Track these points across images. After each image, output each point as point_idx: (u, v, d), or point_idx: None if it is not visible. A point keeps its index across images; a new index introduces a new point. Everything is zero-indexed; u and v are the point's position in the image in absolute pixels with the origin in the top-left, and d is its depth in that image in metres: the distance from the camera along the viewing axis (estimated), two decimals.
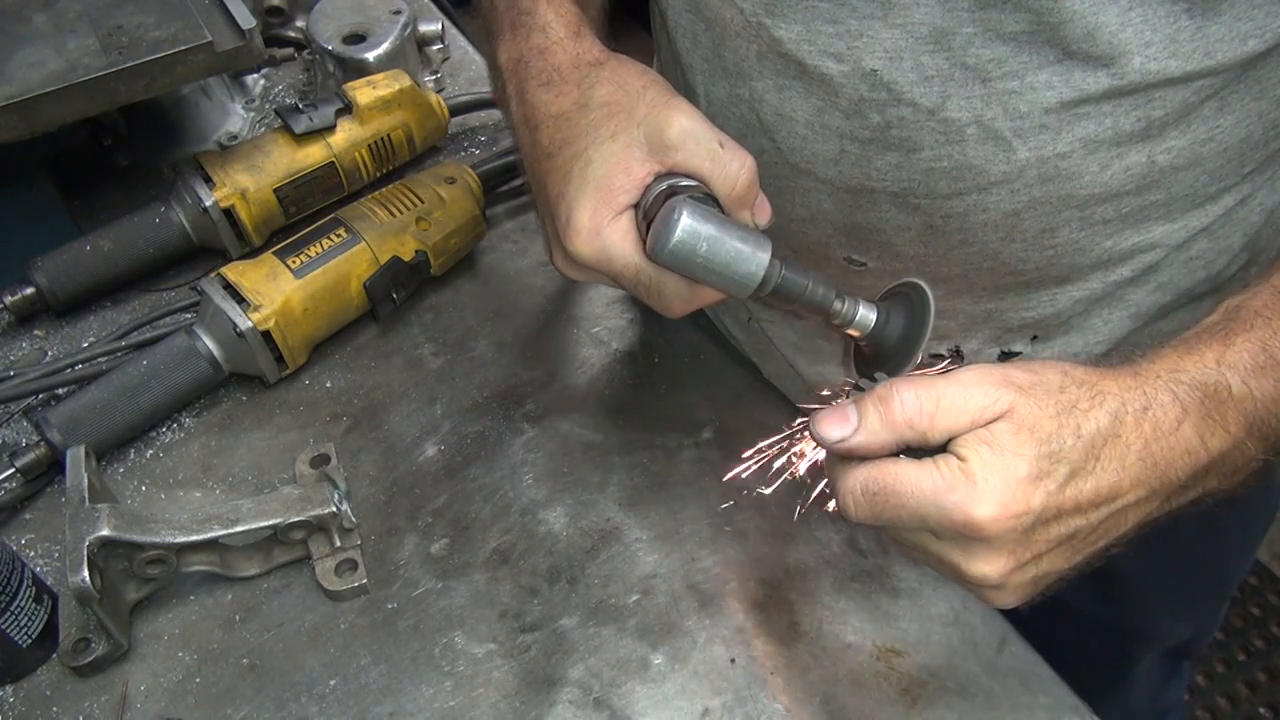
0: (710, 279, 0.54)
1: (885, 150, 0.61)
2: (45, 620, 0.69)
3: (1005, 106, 0.57)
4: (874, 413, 0.50)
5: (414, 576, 0.74)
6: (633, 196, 0.56)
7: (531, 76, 0.62)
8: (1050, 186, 0.59)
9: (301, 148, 0.94)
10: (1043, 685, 0.68)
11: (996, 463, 0.49)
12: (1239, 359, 0.52)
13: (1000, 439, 0.49)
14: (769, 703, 0.67)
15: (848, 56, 0.58)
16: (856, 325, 0.57)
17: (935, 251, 0.65)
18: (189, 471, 0.81)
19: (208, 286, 0.82)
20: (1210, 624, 1.11)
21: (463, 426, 0.84)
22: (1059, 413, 0.50)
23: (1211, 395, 0.51)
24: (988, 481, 0.48)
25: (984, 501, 0.48)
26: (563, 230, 0.57)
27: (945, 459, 0.49)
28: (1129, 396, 0.51)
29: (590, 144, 0.57)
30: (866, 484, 0.51)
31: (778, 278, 0.55)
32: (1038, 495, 0.49)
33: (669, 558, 0.75)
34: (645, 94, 0.58)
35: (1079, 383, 0.51)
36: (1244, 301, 0.55)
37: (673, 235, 0.52)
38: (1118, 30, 0.53)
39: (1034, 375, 0.51)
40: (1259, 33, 0.54)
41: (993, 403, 0.49)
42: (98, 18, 0.84)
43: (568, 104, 0.59)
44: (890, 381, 0.51)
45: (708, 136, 0.56)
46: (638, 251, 0.56)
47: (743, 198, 0.57)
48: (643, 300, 0.59)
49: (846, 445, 0.51)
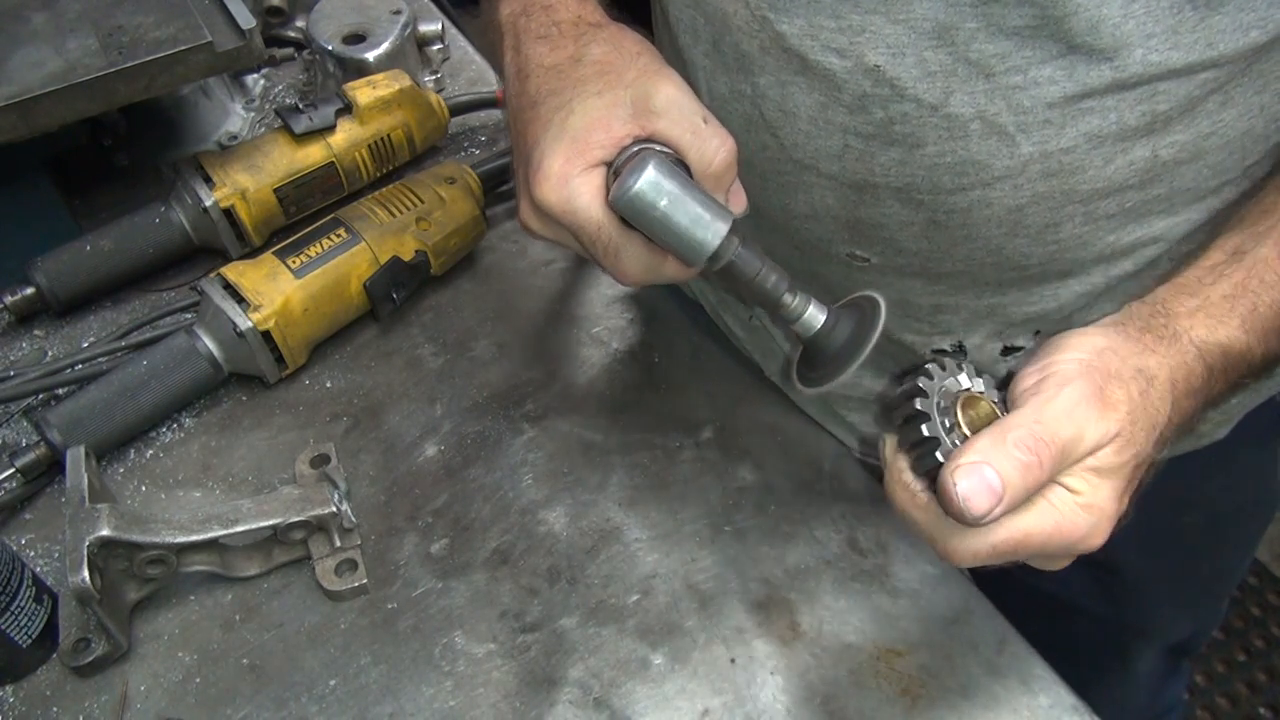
0: (665, 238, 0.54)
1: (888, 146, 0.61)
2: (45, 620, 0.69)
3: (1009, 101, 0.57)
4: (1018, 477, 0.48)
5: (414, 576, 0.74)
6: (608, 153, 0.56)
7: (531, 29, 0.62)
8: (1054, 181, 0.59)
9: (301, 148, 0.94)
10: (1043, 685, 0.68)
11: (1107, 487, 0.50)
12: (1261, 324, 0.55)
13: (1108, 462, 0.50)
14: (769, 703, 0.67)
15: (850, 52, 0.58)
16: (801, 324, 0.57)
17: (938, 247, 0.65)
18: (189, 471, 0.81)
19: (208, 286, 0.82)
20: (1211, 623, 1.11)
21: (463, 426, 0.84)
22: (1149, 429, 0.51)
23: (1235, 362, 0.55)
24: (1104, 510, 0.50)
25: (1103, 530, 0.51)
26: (533, 175, 0.57)
27: (1058, 495, 0.50)
28: (1178, 377, 0.53)
29: (575, 97, 0.57)
30: (996, 546, 0.50)
31: (732, 253, 0.55)
32: (1127, 497, 0.52)
33: (669, 558, 0.75)
34: (639, 59, 0.58)
35: (1147, 377, 0.52)
36: (1252, 248, 0.56)
37: (636, 182, 0.52)
38: (1120, 22, 0.53)
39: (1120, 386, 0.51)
40: (1261, 24, 0.54)
41: (1104, 432, 0.50)
42: (98, 18, 0.84)
43: (561, 57, 0.59)
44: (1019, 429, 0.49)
45: (693, 109, 0.56)
46: (602, 207, 0.56)
47: (718, 178, 0.57)
48: (599, 263, 0.58)
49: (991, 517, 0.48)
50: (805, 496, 0.79)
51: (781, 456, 0.82)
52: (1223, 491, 0.89)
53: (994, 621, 0.71)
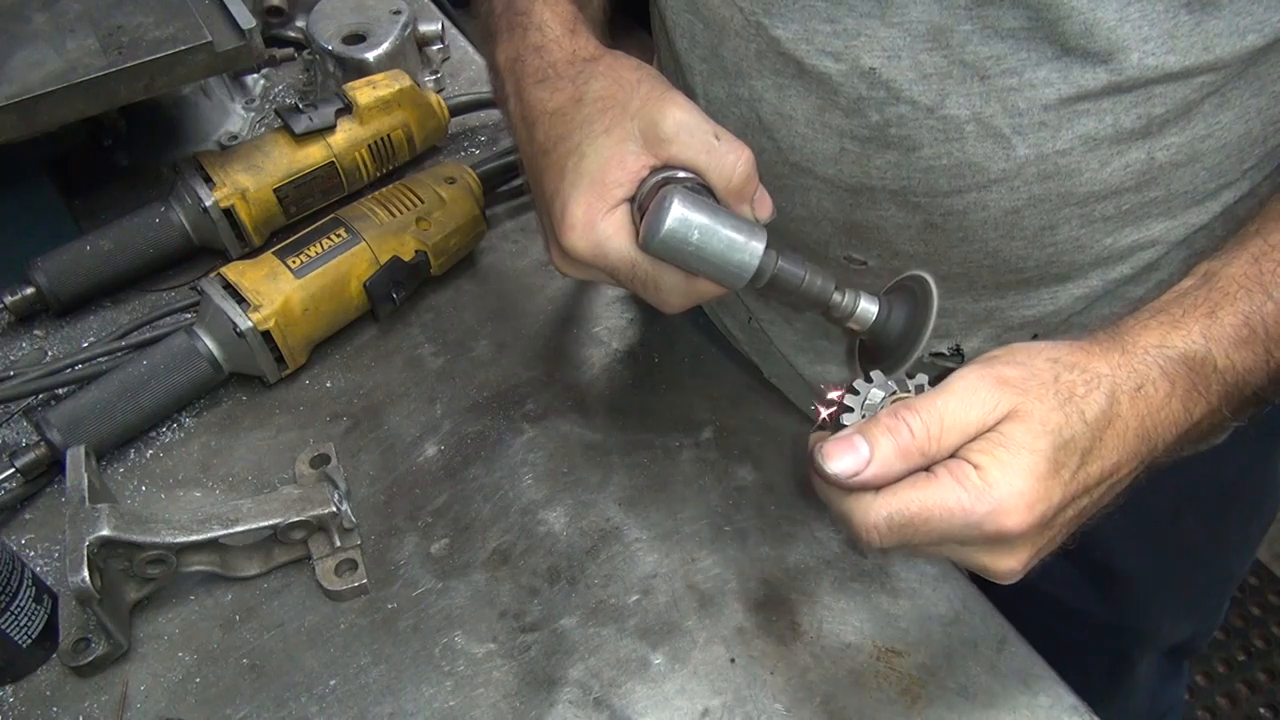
0: (704, 269, 0.54)
1: (884, 149, 0.61)
2: (45, 620, 0.69)
3: (1004, 104, 0.57)
4: (886, 442, 0.49)
5: (414, 576, 0.74)
6: (628, 190, 0.56)
7: (528, 74, 0.62)
8: (1050, 184, 0.59)
9: (301, 148, 0.94)
10: (1043, 685, 0.68)
11: (1016, 463, 0.49)
12: (1223, 332, 0.53)
13: (1014, 438, 0.49)
14: (769, 703, 0.67)
15: (845, 55, 0.58)
16: (857, 319, 0.57)
17: (935, 249, 0.65)
18: (189, 471, 0.81)
19: (208, 286, 0.82)
20: (1211, 623, 1.11)
21: (463, 426, 0.84)
22: (1061, 403, 0.50)
23: (1197, 369, 0.52)
24: (1012, 485, 0.48)
25: (1013, 509, 0.48)
26: (558, 225, 0.57)
27: (961, 469, 0.49)
28: (1120, 375, 0.51)
29: (584, 139, 0.57)
30: (891, 516, 0.50)
31: (773, 268, 0.55)
32: (1056, 488, 0.49)
33: (669, 558, 0.75)
34: (640, 87, 0.57)
35: (1070, 367, 0.51)
36: (1220, 269, 0.55)
37: (664, 224, 0.52)
38: (1116, 25, 0.53)
39: (1024, 369, 0.51)
40: (1258, 27, 0.54)
41: (994, 407, 0.49)
42: (98, 18, 0.84)
43: (563, 100, 0.59)
44: (894, 407, 0.50)
45: (703, 129, 0.56)
46: (633, 245, 0.56)
47: (740, 191, 0.57)
48: (640, 296, 0.59)
49: (860, 479, 0.49)
50: (805, 497, 0.79)
51: (781, 456, 0.81)
52: (1223, 492, 0.89)
53: (994, 621, 0.71)
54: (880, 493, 0.50)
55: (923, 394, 0.51)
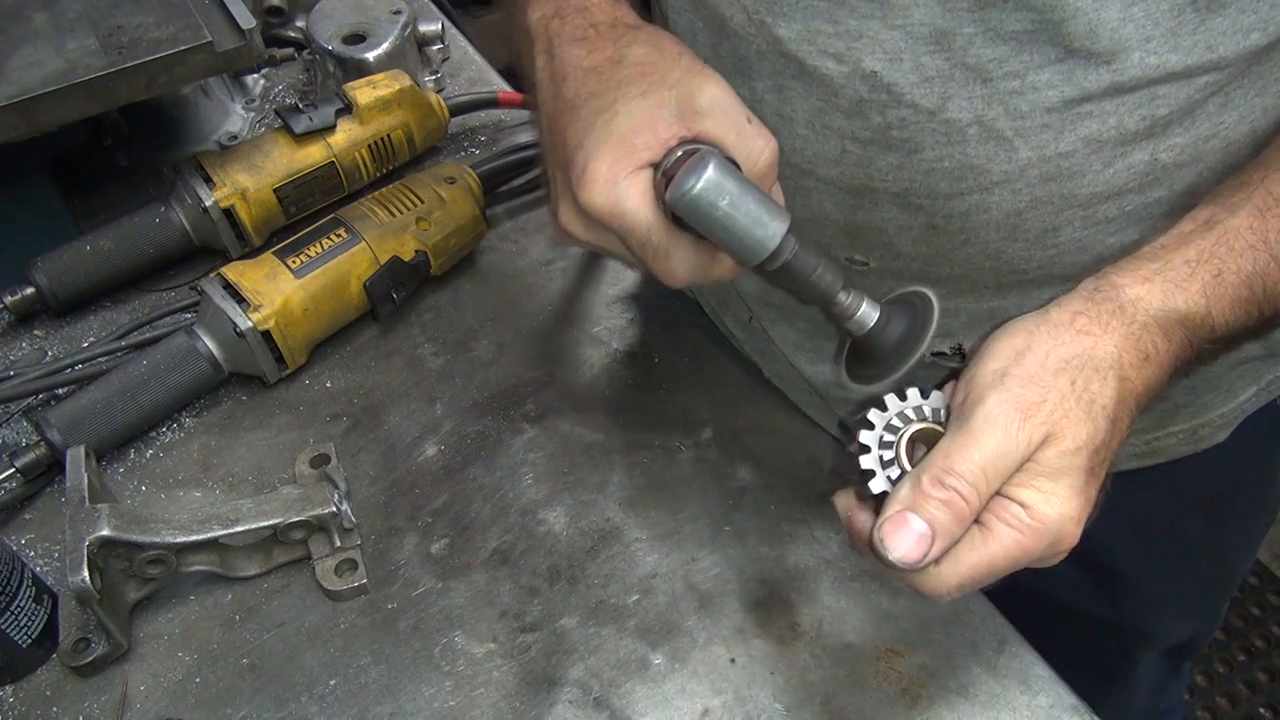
0: (724, 238, 0.54)
1: (886, 151, 0.60)
2: (45, 620, 0.69)
3: (1006, 106, 0.57)
4: (942, 516, 0.49)
5: (414, 576, 0.74)
6: (654, 155, 0.55)
7: (566, 32, 0.61)
8: (1053, 185, 0.59)
9: (301, 148, 0.94)
10: (1043, 685, 0.68)
11: (1060, 490, 0.50)
12: (1224, 293, 0.53)
13: (1053, 465, 0.50)
14: (769, 703, 0.67)
15: (847, 57, 0.58)
16: (856, 321, 0.57)
17: (937, 251, 0.65)
18: (189, 471, 0.81)
19: (208, 286, 0.82)
20: (1211, 623, 1.11)
21: (463, 426, 0.84)
22: (1086, 412, 0.50)
23: (1194, 329, 0.53)
24: (1062, 511, 0.49)
25: (1067, 532, 0.50)
26: (577, 179, 0.55)
27: (1010, 512, 0.50)
28: (1126, 350, 0.52)
29: (619, 98, 0.56)
30: (962, 584, 0.51)
31: (790, 252, 0.54)
32: (1094, 486, 0.51)
33: (669, 558, 0.75)
34: (680, 60, 0.57)
35: (1081, 365, 0.51)
36: (1225, 218, 0.55)
37: (699, 182, 0.51)
38: (1119, 26, 0.53)
39: (1042, 388, 0.50)
40: (1262, 26, 0.54)
41: (1028, 443, 0.50)
42: (98, 18, 0.84)
43: (601, 59, 0.58)
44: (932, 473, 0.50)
45: (738, 109, 0.55)
46: (652, 209, 0.55)
47: (762, 177, 0.56)
48: (646, 265, 0.58)
49: (928, 562, 0.50)
50: (805, 496, 0.79)
51: (781, 456, 0.82)
52: (1223, 493, 0.89)
53: (994, 621, 0.71)
54: (944, 563, 0.50)
55: (953, 441, 0.50)
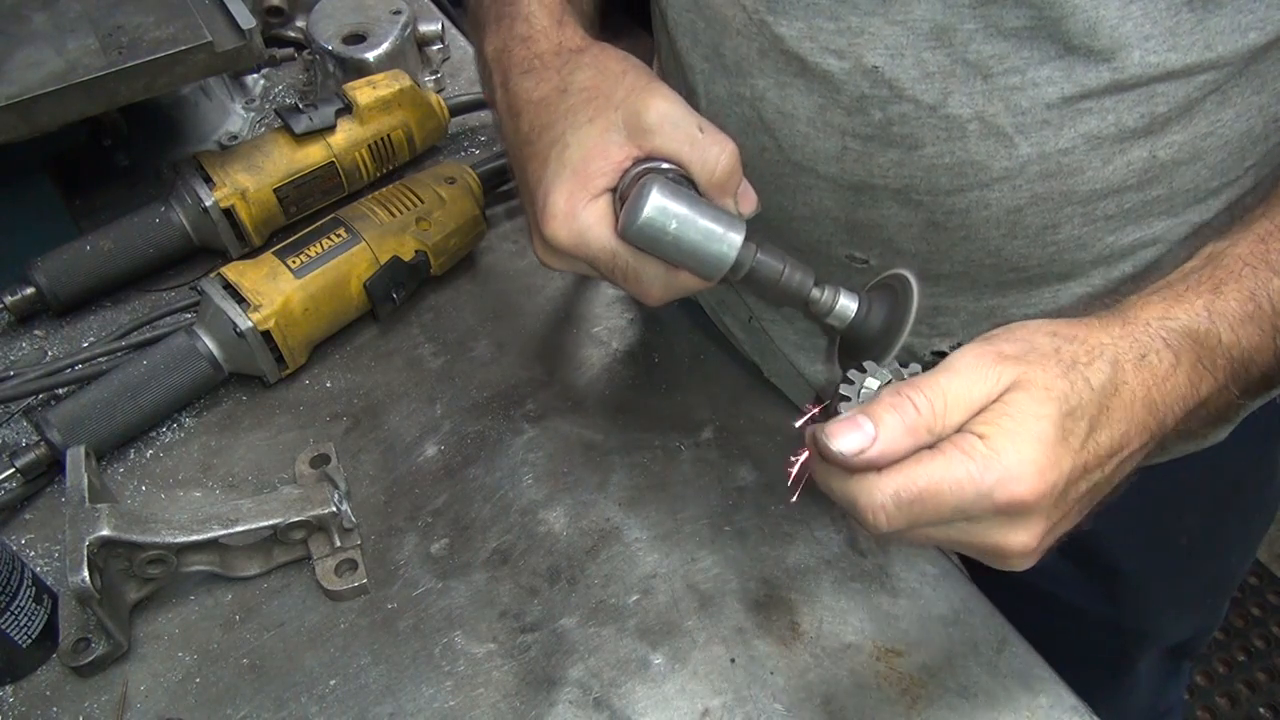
0: (681, 259, 0.54)
1: (887, 147, 0.61)
2: (45, 620, 0.69)
3: (1007, 103, 0.57)
4: (891, 419, 0.48)
5: (414, 576, 0.74)
6: (610, 180, 0.56)
7: (514, 64, 0.62)
8: (1052, 182, 0.59)
9: (301, 148, 0.94)
10: (1043, 685, 0.68)
11: (1023, 431, 0.47)
12: (1228, 307, 0.52)
13: (1019, 406, 0.48)
14: (769, 703, 0.67)
15: (849, 54, 0.58)
16: (836, 315, 0.57)
17: (937, 248, 0.65)
18: (189, 471, 0.81)
19: (208, 286, 0.82)
20: (1211, 623, 1.11)
21: (463, 426, 0.84)
22: (1065, 370, 0.49)
23: (1202, 343, 0.52)
24: (1020, 452, 0.47)
25: (1023, 475, 0.47)
26: (540, 214, 0.56)
27: (967, 441, 0.48)
28: (1123, 345, 0.51)
29: (568, 128, 0.57)
30: (898, 493, 0.48)
31: (751, 261, 0.55)
32: (1066, 456, 0.48)
33: (669, 558, 0.75)
34: (624, 78, 0.57)
35: (1069, 339, 0.50)
36: (1226, 249, 0.54)
37: (642, 212, 0.52)
38: (1118, 24, 0.53)
39: (1024, 343, 0.50)
40: (1260, 25, 0.54)
41: (997, 380, 0.48)
42: (98, 18, 0.84)
43: (548, 90, 0.59)
44: (896, 386, 0.49)
45: (687, 121, 0.56)
46: (613, 235, 0.56)
47: (723, 184, 0.57)
48: (621, 287, 0.58)
49: (866, 457, 0.48)
50: (805, 496, 0.78)
51: (781, 456, 0.81)
52: (1223, 492, 0.89)
53: (994, 621, 0.71)
54: (885, 470, 0.48)
55: (924, 374, 0.50)
